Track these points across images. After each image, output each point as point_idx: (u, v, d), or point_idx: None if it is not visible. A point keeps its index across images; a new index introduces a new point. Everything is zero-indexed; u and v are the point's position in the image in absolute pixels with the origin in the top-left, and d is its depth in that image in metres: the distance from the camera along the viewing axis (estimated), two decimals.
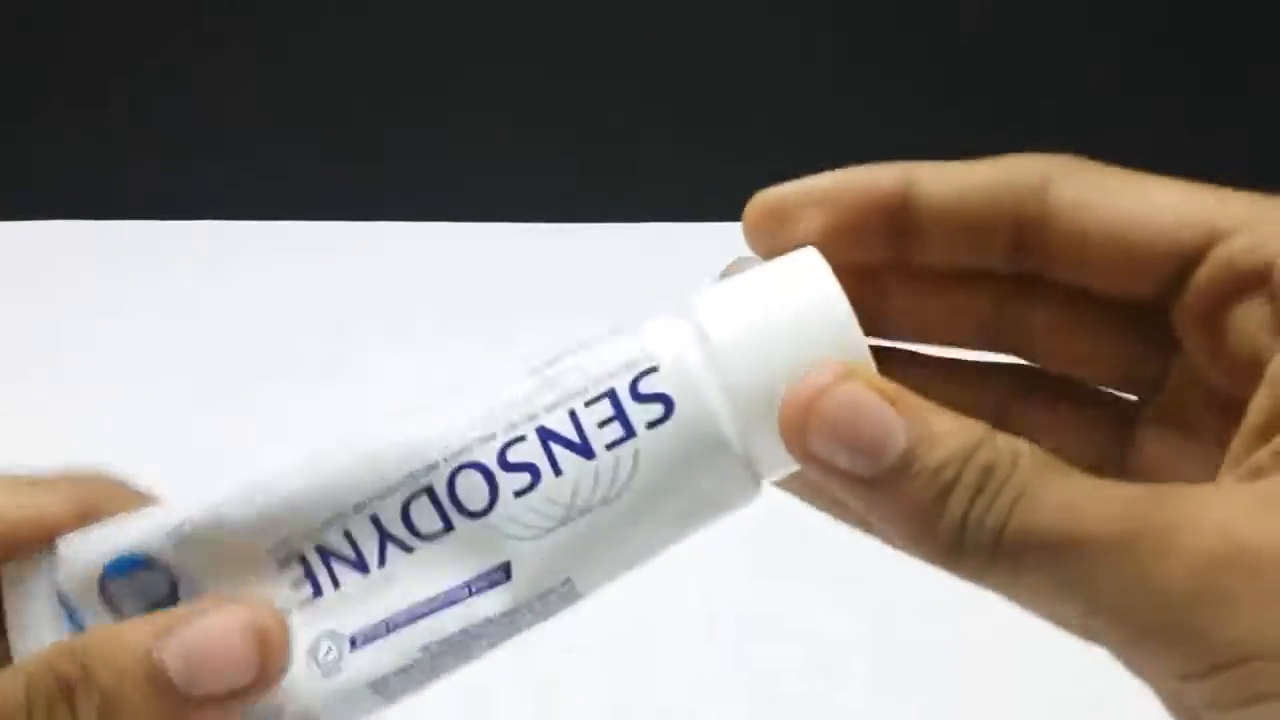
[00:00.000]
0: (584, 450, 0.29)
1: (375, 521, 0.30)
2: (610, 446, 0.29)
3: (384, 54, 0.85)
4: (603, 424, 0.29)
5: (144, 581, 0.30)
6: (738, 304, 0.29)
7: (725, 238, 0.32)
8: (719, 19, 0.85)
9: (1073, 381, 0.31)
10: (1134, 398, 0.31)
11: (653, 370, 0.29)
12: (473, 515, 0.30)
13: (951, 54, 0.84)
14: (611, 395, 0.29)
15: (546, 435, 0.29)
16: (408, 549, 0.30)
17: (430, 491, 0.30)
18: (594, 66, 0.84)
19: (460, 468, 0.29)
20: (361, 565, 0.30)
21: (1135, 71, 0.83)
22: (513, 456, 0.29)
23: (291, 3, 0.85)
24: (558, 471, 0.29)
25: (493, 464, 0.29)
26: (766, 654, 0.50)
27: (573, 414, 0.29)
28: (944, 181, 0.29)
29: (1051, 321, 0.31)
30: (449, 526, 0.30)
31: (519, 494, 0.29)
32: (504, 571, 0.30)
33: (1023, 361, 0.32)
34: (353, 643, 0.30)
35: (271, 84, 0.84)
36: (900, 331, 0.31)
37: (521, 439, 0.29)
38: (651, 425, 0.29)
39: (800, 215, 0.30)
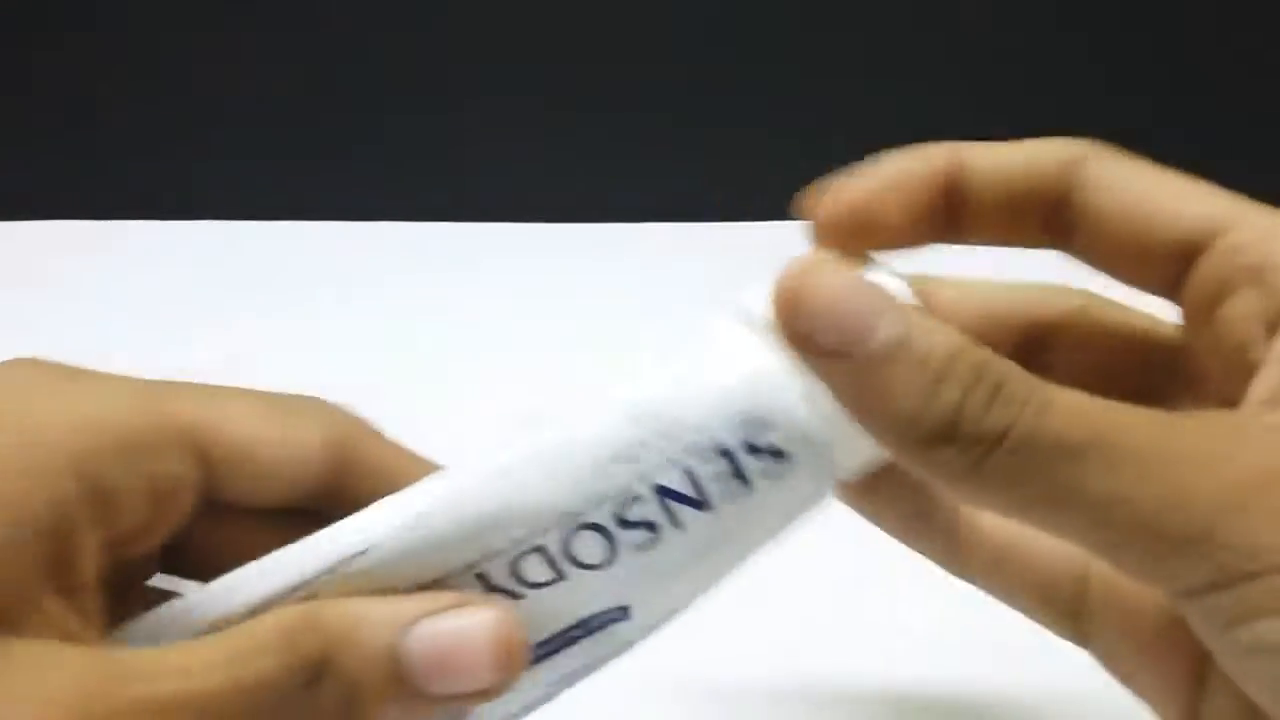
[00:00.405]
0: (703, 505, 0.29)
1: (481, 578, 0.29)
2: (728, 499, 0.29)
3: (384, 53, 0.85)
4: (720, 479, 0.29)
5: None
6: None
7: (726, 237, 0.32)
8: (719, 19, 0.84)
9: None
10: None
11: (765, 424, 0.28)
12: (590, 568, 0.29)
13: (954, 53, 0.84)
14: (727, 452, 0.29)
15: (665, 494, 0.29)
16: (517, 596, 0.29)
17: (543, 550, 0.29)
18: (594, 66, 0.84)
19: (575, 529, 0.29)
20: None
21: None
22: (631, 515, 0.29)
23: (291, 2, 0.84)
24: (678, 526, 0.29)
25: (610, 524, 0.29)
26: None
27: (690, 472, 0.29)
28: (991, 160, 0.30)
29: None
30: (562, 577, 0.29)
31: (639, 549, 0.29)
32: (623, 612, 0.30)
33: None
34: None
35: (271, 83, 0.84)
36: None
37: (638, 498, 0.29)
38: (768, 475, 0.29)
39: (883, 206, 0.30)
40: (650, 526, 0.29)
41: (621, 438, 0.29)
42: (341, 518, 0.29)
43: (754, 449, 0.29)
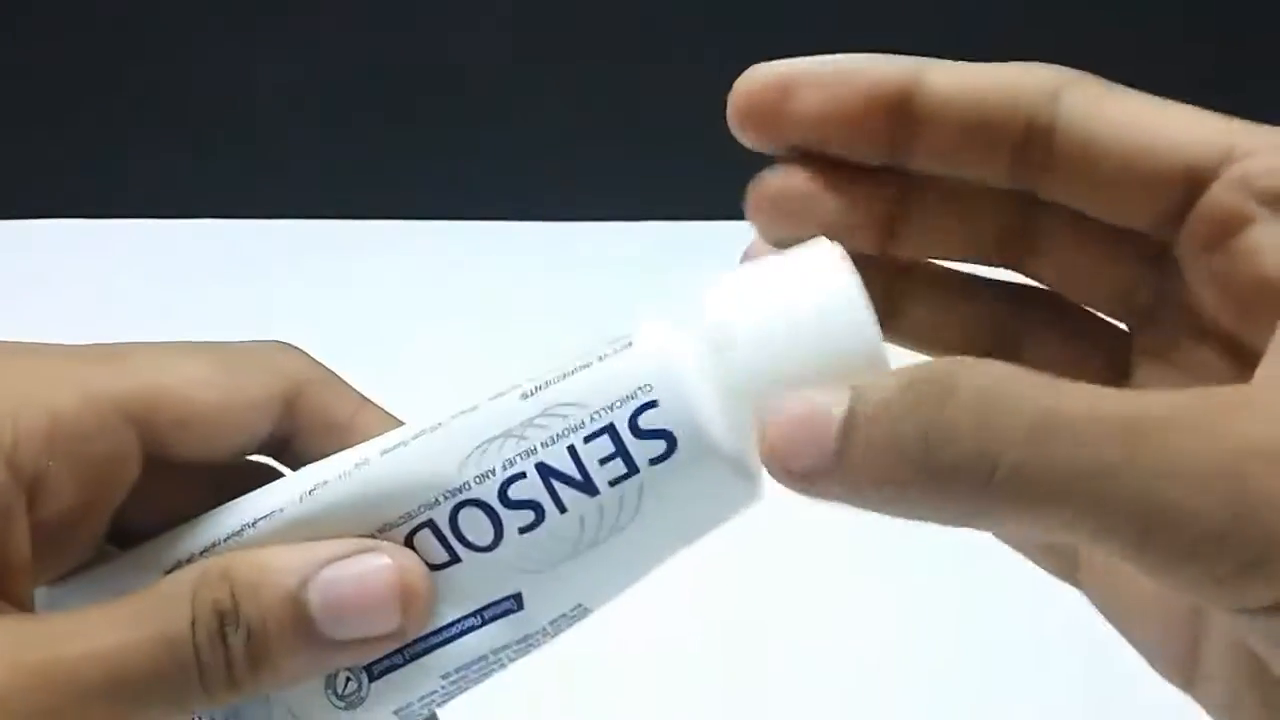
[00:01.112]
0: (587, 487, 0.28)
1: None
2: (614, 483, 0.28)
3: (384, 53, 0.85)
4: (604, 460, 0.28)
5: None
6: (749, 304, 0.28)
7: (724, 236, 0.31)
8: (718, 19, 0.85)
9: (1072, 307, 0.30)
10: (1126, 327, 0.30)
11: (652, 405, 0.28)
12: (479, 549, 0.29)
13: (955, 52, 0.84)
14: (611, 430, 0.28)
15: (547, 472, 0.28)
16: None
17: (432, 525, 0.29)
18: (593, 66, 0.84)
19: (461, 504, 0.29)
20: None
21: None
22: (514, 494, 0.29)
23: (291, 2, 0.85)
24: (562, 509, 0.29)
25: (494, 501, 0.29)
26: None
27: (572, 450, 0.28)
28: (954, 78, 0.27)
29: (1048, 243, 0.29)
30: (455, 559, 0.30)
31: (524, 530, 0.29)
32: (515, 601, 0.30)
33: (1023, 281, 0.30)
34: (370, 674, 0.30)
35: (272, 83, 0.84)
36: (900, 247, 0.30)
37: (522, 475, 0.29)
38: (655, 461, 0.28)
39: (799, 95, 0.27)
40: (534, 507, 0.29)
41: (512, 415, 0.28)
42: (297, 468, 0.30)
43: (639, 430, 0.28)
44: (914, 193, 0.29)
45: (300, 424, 0.31)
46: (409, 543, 0.29)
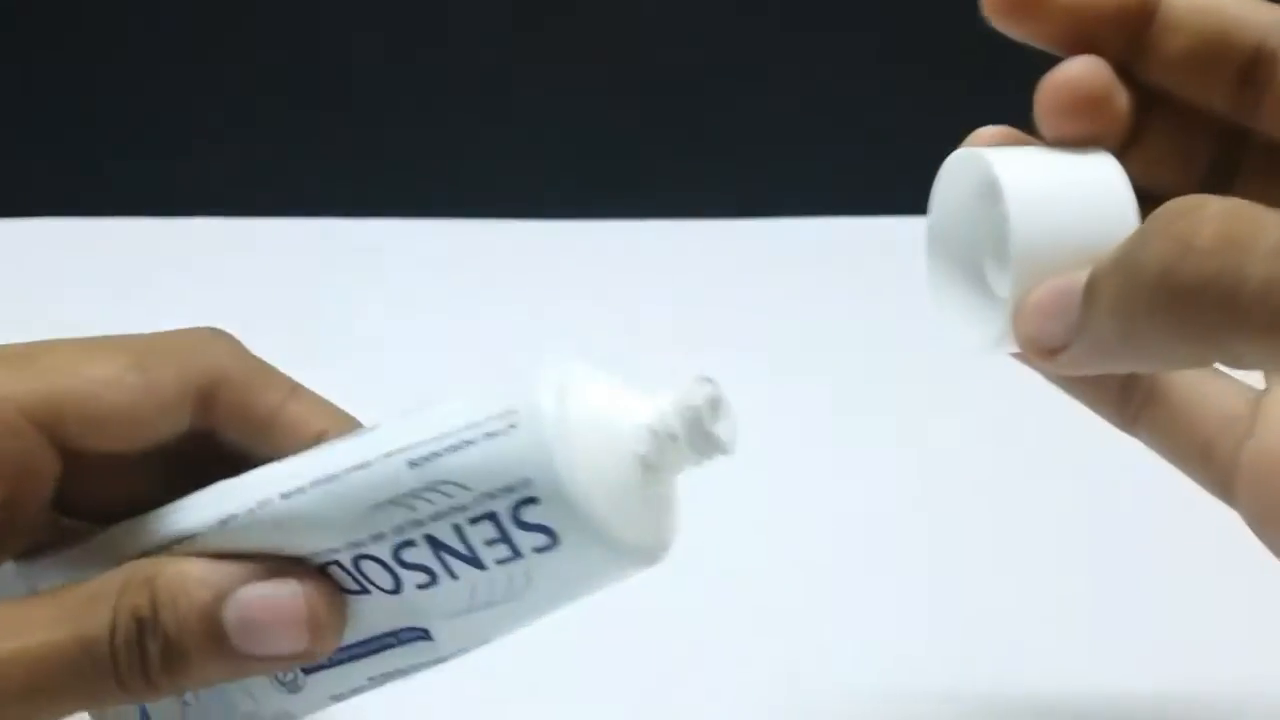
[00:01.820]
0: (474, 562, 0.29)
1: None
2: (500, 563, 0.29)
3: (384, 52, 0.85)
4: (490, 543, 0.29)
5: None
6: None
7: (725, 235, 0.31)
8: (719, 19, 0.85)
9: None
10: None
11: (533, 501, 0.28)
12: (384, 591, 0.30)
13: (954, 53, 0.84)
14: (494, 518, 0.28)
15: (437, 545, 0.29)
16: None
17: (339, 565, 0.30)
18: (595, 65, 0.84)
19: (360, 556, 0.30)
20: None
21: None
22: (408, 557, 0.29)
23: (291, 2, 0.85)
24: (453, 576, 0.29)
25: (390, 560, 0.30)
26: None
27: (458, 529, 0.29)
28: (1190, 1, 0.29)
29: (1251, 183, 0.31)
30: (365, 591, 0.30)
31: (421, 587, 0.30)
32: (424, 633, 0.31)
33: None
34: (305, 669, 0.32)
35: (271, 82, 0.84)
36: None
37: (412, 543, 0.29)
38: (540, 550, 0.28)
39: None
40: (428, 570, 0.29)
41: (399, 483, 0.29)
42: (219, 457, 0.32)
43: (521, 523, 0.28)
44: (1143, 116, 0.30)
45: (220, 417, 0.32)
46: (325, 569, 0.30)
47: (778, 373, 0.64)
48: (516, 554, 0.29)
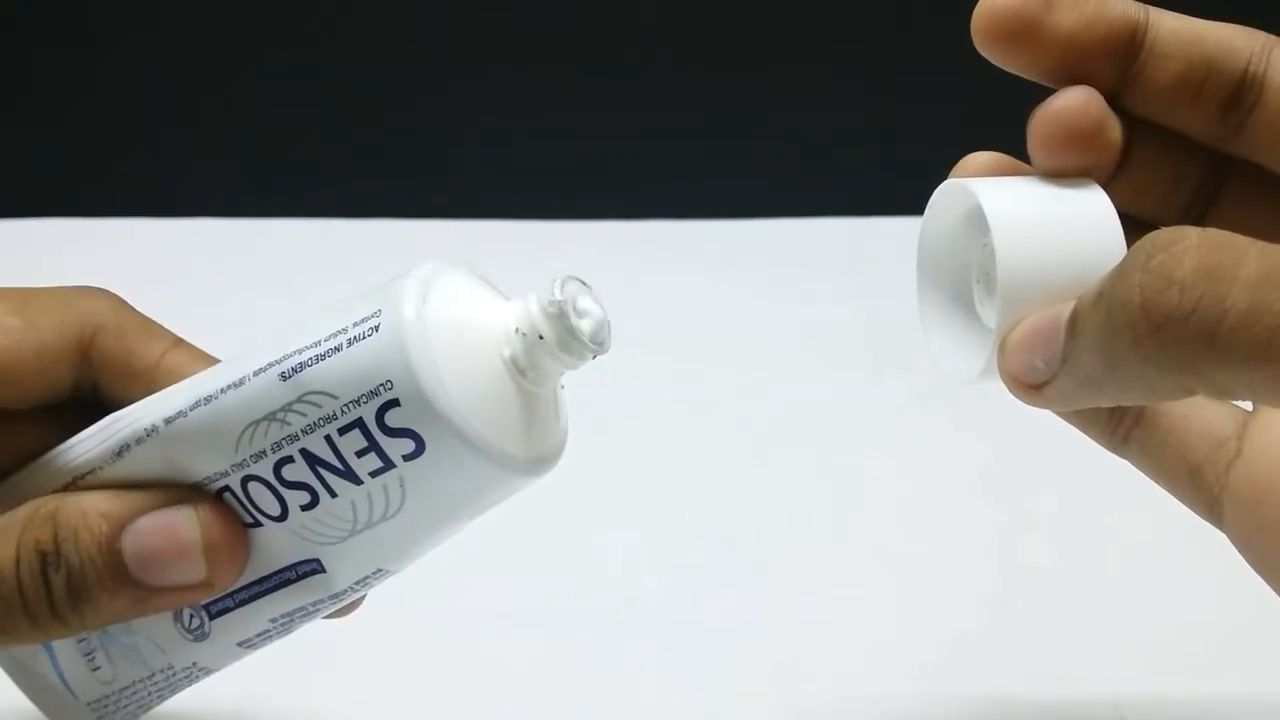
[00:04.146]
0: (350, 476, 0.29)
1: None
2: (374, 475, 0.29)
3: (384, 53, 0.85)
4: (360, 454, 0.28)
5: None
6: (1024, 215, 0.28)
7: (725, 235, 0.31)
8: (719, 18, 0.84)
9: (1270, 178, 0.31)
10: None
11: (395, 404, 0.28)
12: (272, 519, 0.30)
13: (954, 54, 0.84)
14: (361, 425, 0.28)
15: (312, 460, 0.29)
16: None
17: (230, 491, 0.30)
18: (595, 65, 0.84)
19: (247, 478, 0.30)
20: None
21: None
22: (288, 475, 0.29)
23: (292, 2, 0.84)
24: (332, 494, 0.29)
25: (272, 479, 0.29)
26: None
27: (330, 440, 0.28)
28: (1181, 24, 0.29)
29: (1231, 208, 0.31)
30: (257, 523, 0.30)
31: (305, 508, 0.30)
32: (317, 564, 0.31)
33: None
34: (209, 613, 0.32)
35: (271, 82, 0.84)
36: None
37: (290, 459, 0.29)
38: (408, 458, 0.28)
39: (1058, 10, 0.29)
40: (309, 489, 0.29)
41: (272, 398, 0.29)
42: (106, 409, 0.32)
43: (387, 428, 0.28)
44: (1131, 142, 0.30)
45: (101, 368, 0.33)
46: (220, 500, 0.30)
47: (777, 373, 0.64)
48: (388, 463, 0.28)
